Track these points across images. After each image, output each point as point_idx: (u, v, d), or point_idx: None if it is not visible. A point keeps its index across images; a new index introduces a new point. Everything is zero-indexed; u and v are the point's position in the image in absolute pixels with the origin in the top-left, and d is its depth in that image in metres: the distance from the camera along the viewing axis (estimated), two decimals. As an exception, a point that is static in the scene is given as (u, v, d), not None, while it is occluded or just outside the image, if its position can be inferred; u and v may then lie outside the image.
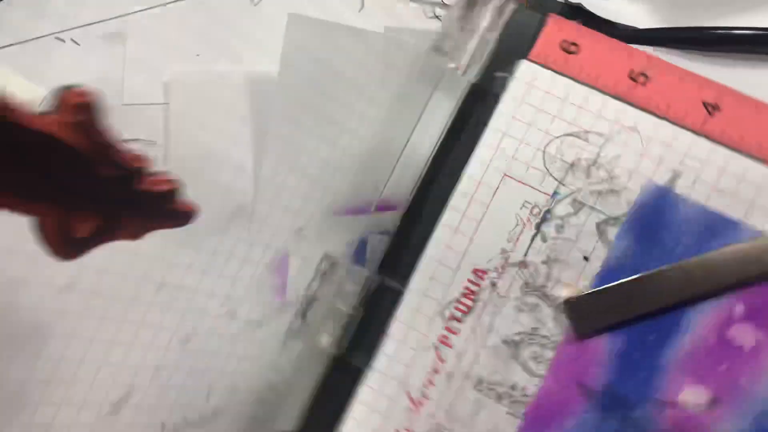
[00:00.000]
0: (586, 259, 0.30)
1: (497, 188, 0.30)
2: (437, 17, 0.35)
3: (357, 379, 0.31)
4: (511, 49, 0.31)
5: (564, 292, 0.30)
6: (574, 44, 0.30)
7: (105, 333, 0.30)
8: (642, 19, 0.33)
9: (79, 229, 0.20)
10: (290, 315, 0.33)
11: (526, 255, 0.30)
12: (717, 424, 0.28)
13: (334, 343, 0.31)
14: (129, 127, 0.36)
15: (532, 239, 0.30)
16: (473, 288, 0.30)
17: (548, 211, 0.30)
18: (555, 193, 0.30)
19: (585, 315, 0.29)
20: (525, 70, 0.31)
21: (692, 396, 0.29)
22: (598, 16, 0.32)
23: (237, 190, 0.33)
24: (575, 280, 0.30)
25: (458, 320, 0.30)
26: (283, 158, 0.33)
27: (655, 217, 0.29)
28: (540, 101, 0.30)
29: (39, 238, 0.20)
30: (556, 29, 0.31)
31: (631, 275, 0.29)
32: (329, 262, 0.32)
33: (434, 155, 0.32)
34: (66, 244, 0.20)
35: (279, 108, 0.34)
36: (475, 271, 0.30)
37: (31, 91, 0.36)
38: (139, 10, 0.38)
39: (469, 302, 0.30)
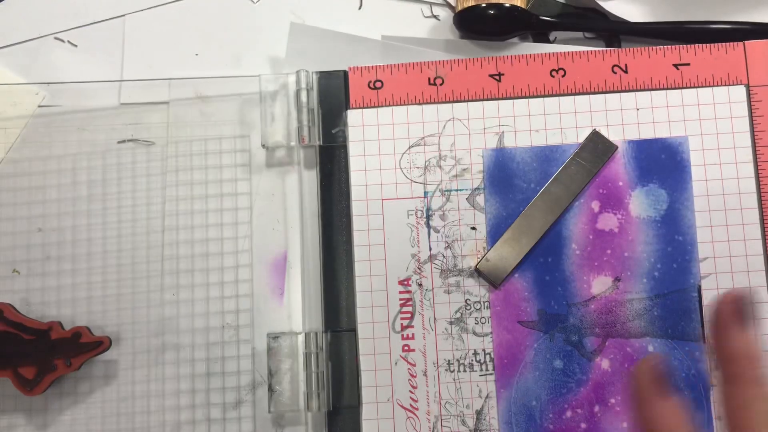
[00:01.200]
0: (473, 228, 0.36)
1: (383, 213, 0.36)
2: (435, 16, 0.38)
3: (356, 418, 0.35)
4: (334, 106, 0.37)
5: (471, 261, 0.36)
6: (378, 81, 0.37)
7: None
8: (632, 13, 0.39)
9: (27, 375, 0.35)
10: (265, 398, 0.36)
11: (430, 249, 0.36)
12: (627, 294, 0.35)
13: (324, 401, 0.35)
14: (127, 126, 0.37)
15: (429, 235, 0.36)
16: (406, 296, 0.36)
17: (428, 209, 0.36)
18: (425, 193, 0.36)
19: (494, 269, 0.35)
20: (352, 117, 0.37)
21: (601, 285, 0.35)
22: (592, 8, 0.37)
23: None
24: (475, 248, 0.36)
25: (408, 327, 0.35)
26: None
27: (502, 173, 0.36)
28: (376, 133, 0.37)
29: (15, 386, 0.35)
30: (358, 76, 0.37)
31: (510, 223, 0.35)
32: (273, 337, 0.36)
33: (321, 213, 0.37)
34: (25, 385, 0.35)
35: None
36: (401, 282, 0.36)
37: (30, 92, 0.38)
38: (138, 11, 0.39)
39: (409, 309, 0.35)
